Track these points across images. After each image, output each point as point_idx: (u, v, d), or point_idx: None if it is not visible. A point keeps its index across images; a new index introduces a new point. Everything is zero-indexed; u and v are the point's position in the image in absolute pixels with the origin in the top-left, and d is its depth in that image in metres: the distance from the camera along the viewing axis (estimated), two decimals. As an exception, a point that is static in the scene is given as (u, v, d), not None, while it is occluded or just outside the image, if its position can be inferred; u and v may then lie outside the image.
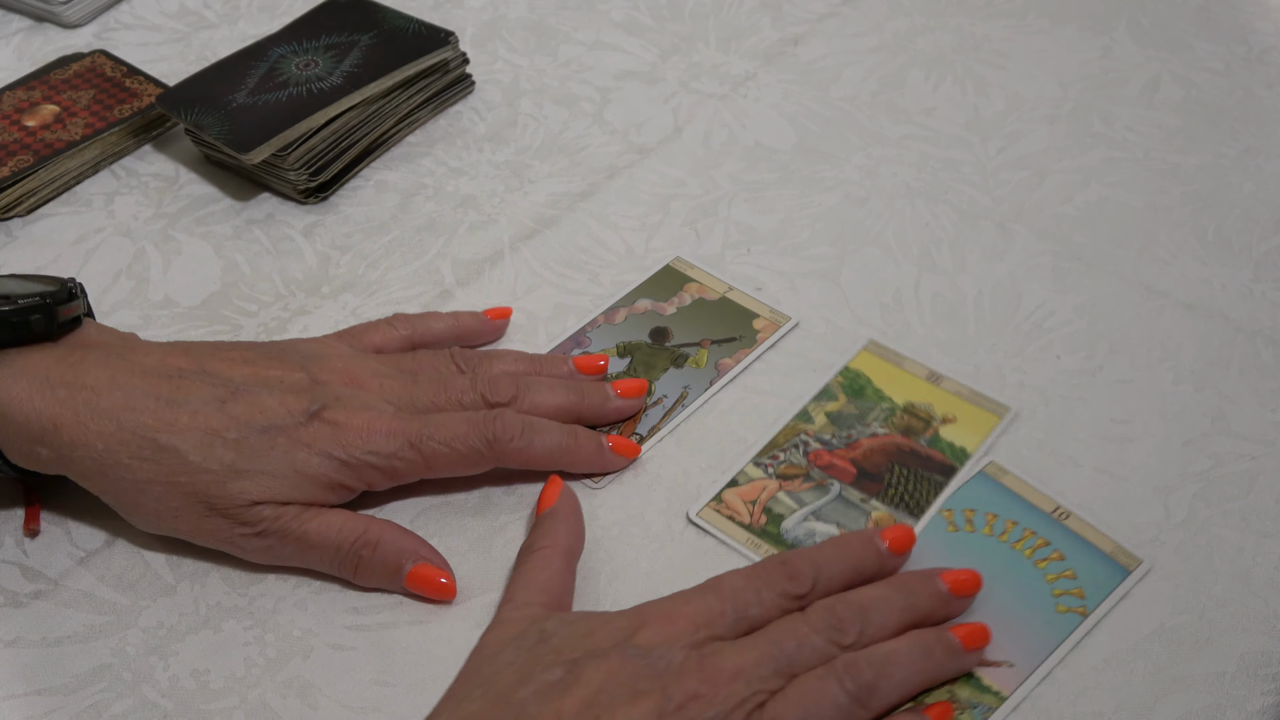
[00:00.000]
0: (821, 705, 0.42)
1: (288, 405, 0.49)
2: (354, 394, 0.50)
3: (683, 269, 0.63)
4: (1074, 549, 0.50)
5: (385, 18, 0.73)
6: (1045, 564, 0.49)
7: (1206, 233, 0.64)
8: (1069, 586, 0.48)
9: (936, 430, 0.54)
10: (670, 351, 0.59)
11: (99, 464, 0.48)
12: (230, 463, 0.47)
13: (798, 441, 0.54)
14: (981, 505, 0.51)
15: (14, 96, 0.72)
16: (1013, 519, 0.51)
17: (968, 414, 0.55)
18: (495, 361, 0.55)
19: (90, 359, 0.49)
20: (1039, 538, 0.50)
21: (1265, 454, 0.53)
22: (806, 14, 0.80)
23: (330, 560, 0.49)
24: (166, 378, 0.49)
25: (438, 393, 0.52)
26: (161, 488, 0.47)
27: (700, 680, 0.41)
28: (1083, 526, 0.50)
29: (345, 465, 0.48)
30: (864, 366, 0.57)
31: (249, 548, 0.49)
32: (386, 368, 0.53)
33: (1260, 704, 0.45)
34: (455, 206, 0.68)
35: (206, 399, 0.48)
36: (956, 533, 0.50)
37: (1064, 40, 0.78)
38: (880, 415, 0.55)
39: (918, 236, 0.65)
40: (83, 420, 0.47)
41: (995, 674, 0.46)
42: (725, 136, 0.71)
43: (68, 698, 0.47)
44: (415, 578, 0.48)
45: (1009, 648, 0.46)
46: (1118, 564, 0.49)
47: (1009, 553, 0.50)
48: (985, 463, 0.53)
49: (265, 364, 0.51)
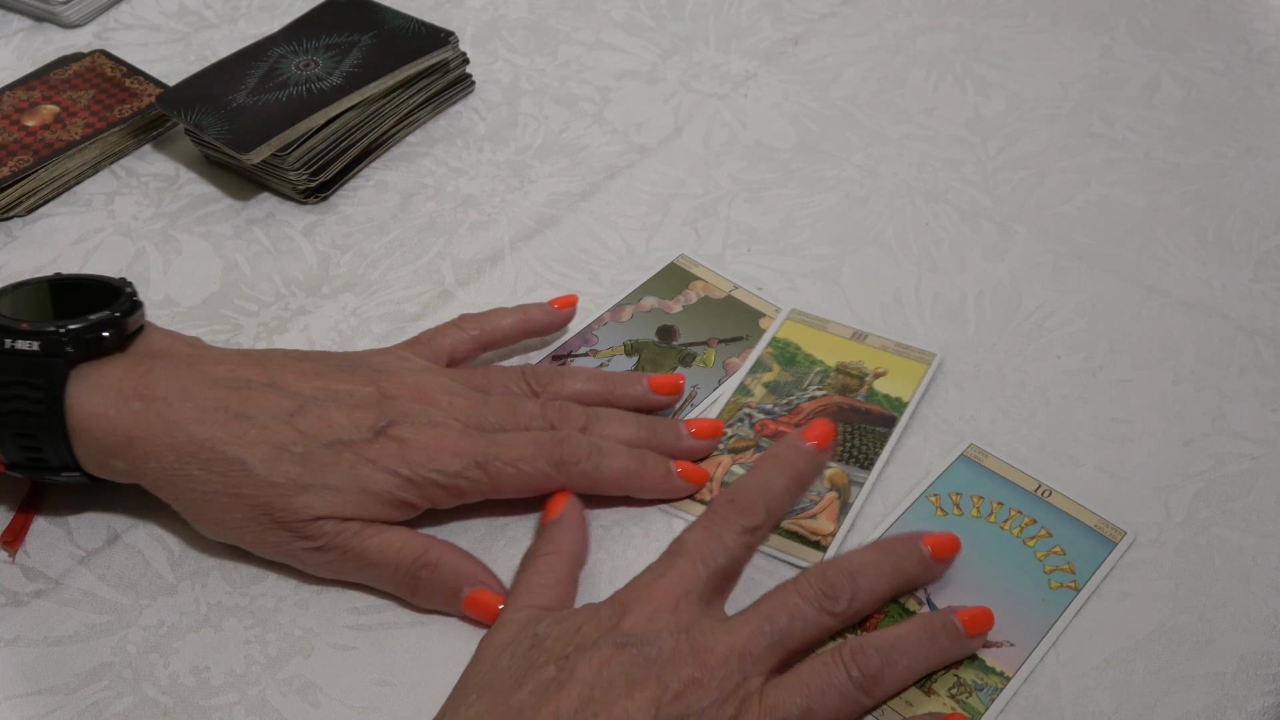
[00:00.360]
0: (826, 693, 0.42)
1: (355, 420, 0.49)
2: (422, 410, 0.50)
3: (688, 267, 0.63)
4: (1060, 525, 0.51)
5: (385, 18, 0.73)
6: (1034, 542, 0.50)
7: (1206, 233, 0.64)
8: (1059, 563, 0.49)
9: (871, 385, 0.56)
10: (678, 350, 0.59)
11: (170, 475, 0.48)
12: (295, 477, 0.47)
13: (741, 415, 0.56)
14: (967, 488, 0.52)
15: (14, 96, 0.72)
16: (998, 500, 0.52)
17: (897, 365, 0.57)
18: (567, 380, 0.54)
19: (159, 369, 0.49)
20: (1025, 516, 0.51)
21: (1265, 454, 0.53)
22: (806, 14, 0.81)
23: (389, 579, 0.49)
24: (236, 389, 0.49)
25: (506, 415, 0.51)
26: (229, 499, 0.48)
27: (694, 665, 0.41)
28: (1066, 503, 0.51)
29: (410, 483, 0.48)
30: (791, 334, 0.59)
31: (310, 562, 0.49)
32: (457, 384, 0.52)
33: (1260, 704, 0.45)
34: (455, 206, 0.68)
35: (275, 412, 0.48)
36: (945, 517, 0.51)
37: (1064, 40, 0.78)
38: (815, 379, 0.57)
39: (918, 236, 0.65)
40: (155, 432, 0.48)
41: (997, 654, 0.46)
42: (725, 136, 0.71)
43: (69, 697, 0.47)
44: (473, 602, 0.48)
45: (1008, 627, 0.47)
46: (1103, 536, 0.50)
47: (999, 533, 0.51)
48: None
49: (335, 377, 0.51)
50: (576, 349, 0.59)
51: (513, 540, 0.51)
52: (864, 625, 0.48)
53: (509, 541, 0.51)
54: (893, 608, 0.48)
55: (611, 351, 0.59)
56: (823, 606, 0.44)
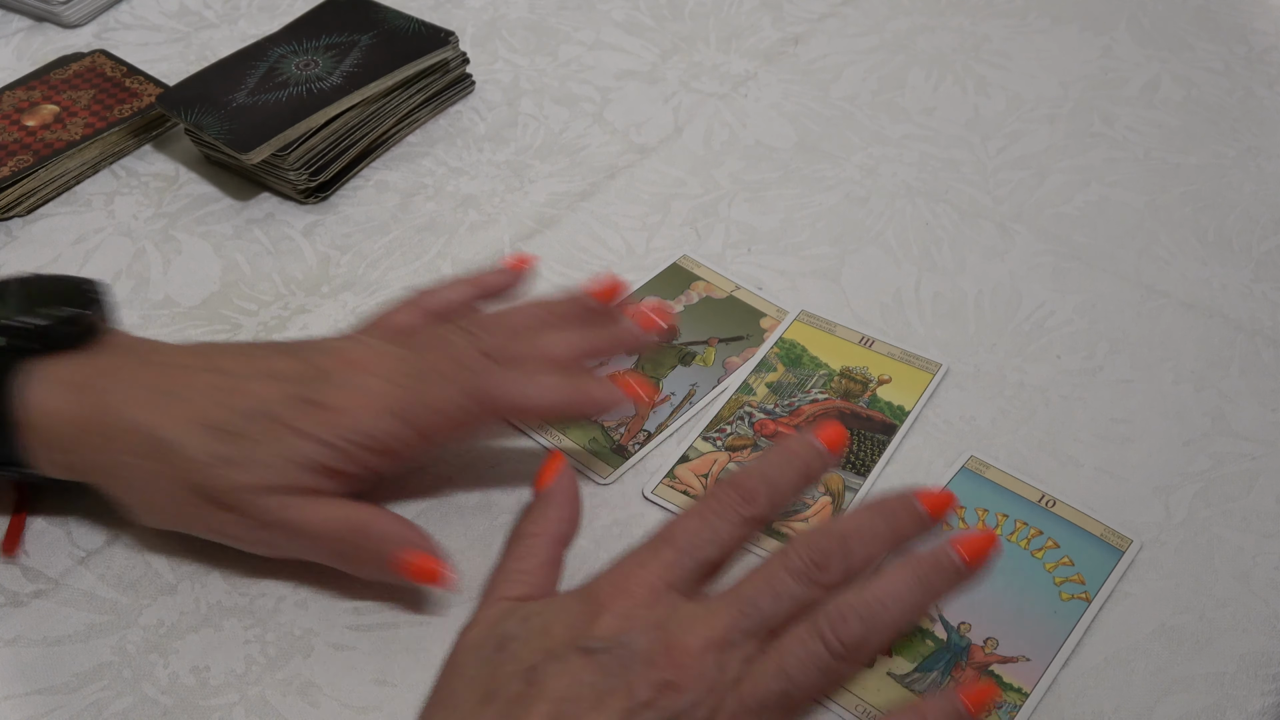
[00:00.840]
0: (805, 671, 0.40)
1: (281, 391, 0.47)
2: (348, 376, 0.48)
3: (690, 267, 0.63)
4: (1066, 536, 0.50)
5: (385, 18, 0.73)
6: (1042, 553, 0.49)
7: (1206, 233, 0.64)
8: (1068, 574, 0.49)
9: (874, 391, 0.56)
10: (678, 349, 0.59)
11: (108, 465, 0.48)
12: (222, 453, 0.46)
13: (742, 414, 0.56)
14: (970, 501, 0.52)
15: (14, 96, 0.72)
16: (1003, 511, 0.51)
17: (902, 374, 0.57)
18: (506, 316, 0.52)
19: (104, 359, 0.49)
20: (1031, 528, 0.50)
21: (1265, 454, 0.53)
22: (807, 14, 0.81)
23: (327, 551, 0.48)
24: (168, 371, 0.49)
25: (438, 361, 0.49)
26: (165, 482, 0.47)
27: (668, 665, 0.39)
28: (1070, 512, 0.51)
29: (336, 449, 0.47)
30: (798, 336, 0.59)
31: (251, 541, 0.48)
32: (393, 347, 0.50)
33: (1260, 704, 0.45)
34: (456, 206, 0.68)
35: (203, 389, 0.48)
36: (951, 531, 0.50)
37: (1064, 40, 0.78)
38: (819, 381, 0.57)
39: (918, 236, 0.65)
40: (90, 418, 0.47)
41: (1014, 670, 0.46)
42: (726, 136, 0.71)
43: (69, 696, 0.47)
44: (408, 566, 0.47)
45: (1022, 642, 0.47)
46: (1110, 545, 0.50)
47: (1008, 546, 0.50)
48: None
49: (269, 356, 0.50)
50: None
51: (513, 540, 0.51)
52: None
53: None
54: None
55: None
56: (813, 579, 0.41)
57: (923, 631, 0.47)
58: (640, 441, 0.55)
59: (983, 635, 0.47)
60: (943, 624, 0.47)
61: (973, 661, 0.46)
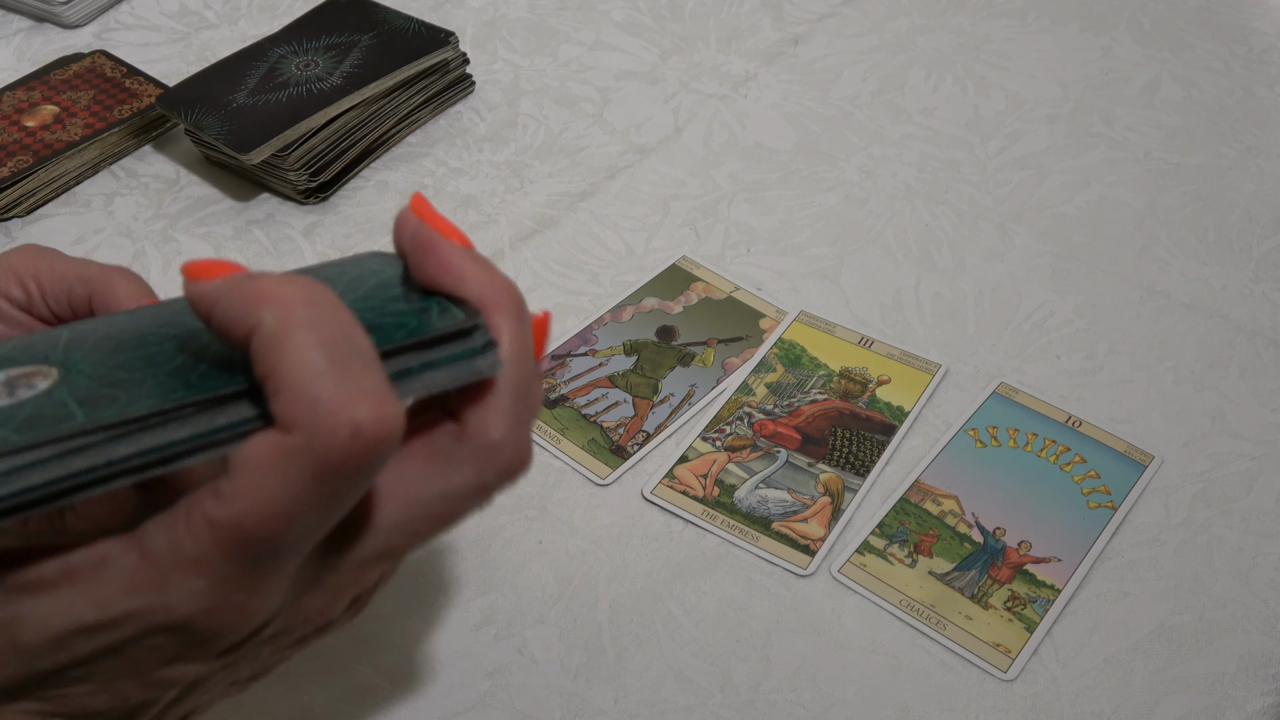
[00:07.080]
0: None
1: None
2: None
3: (689, 268, 0.63)
4: (1093, 452, 0.54)
5: (385, 18, 0.73)
6: (1070, 467, 0.53)
7: (1206, 233, 0.64)
8: (1095, 485, 0.52)
9: (873, 392, 0.57)
10: (677, 350, 0.59)
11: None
12: None
13: (741, 414, 0.56)
14: (1002, 422, 0.54)
15: (14, 96, 0.72)
16: (1033, 431, 0.54)
17: (901, 374, 0.57)
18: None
19: None
20: (1059, 445, 0.54)
21: (1265, 454, 0.53)
22: (806, 14, 0.81)
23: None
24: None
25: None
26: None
27: None
28: (1096, 431, 0.54)
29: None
30: (797, 337, 0.59)
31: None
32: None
33: (1260, 704, 0.45)
34: (455, 206, 0.68)
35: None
36: (984, 449, 0.54)
37: (1064, 40, 0.78)
38: (818, 382, 0.57)
39: (918, 237, 0.65)
40: None
41: (1048, 569, 0.50)
42: (725, 137, 0.71)
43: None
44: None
45: (1054, 544, 0.50)
46: (1134, 461, 0.53)
47: (1037, 461, 0.53)
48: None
49: None
50: (576, 349, 0.59)
51: (510, 540, 0.51)
52: (919, 548, 0.50)
53: (506, 542, 0.51)
54: (944, 530, 0.50)
55: (610, 351, 0.59)
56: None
57: (961, 535, 0.50)
58: (639, 442, 0.55)
59: (1017, 539, 0.51)
60: (979, 529, 0.51)
61: (1008, 561, 0.50)
